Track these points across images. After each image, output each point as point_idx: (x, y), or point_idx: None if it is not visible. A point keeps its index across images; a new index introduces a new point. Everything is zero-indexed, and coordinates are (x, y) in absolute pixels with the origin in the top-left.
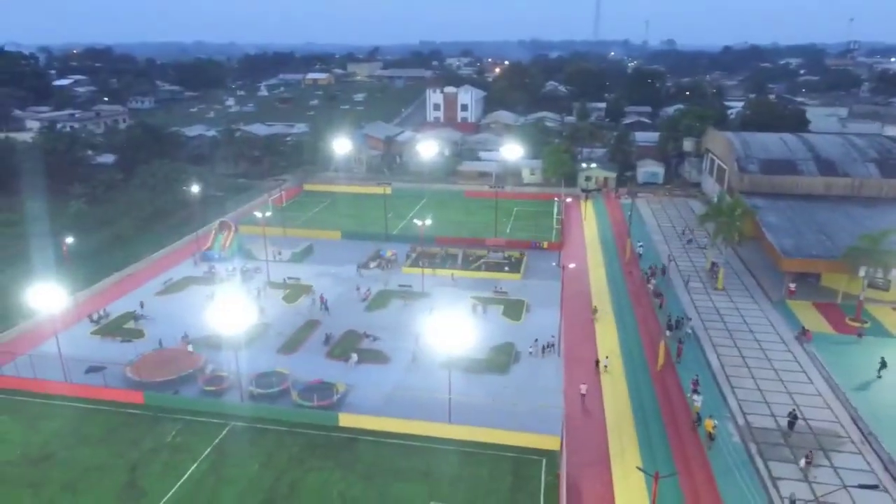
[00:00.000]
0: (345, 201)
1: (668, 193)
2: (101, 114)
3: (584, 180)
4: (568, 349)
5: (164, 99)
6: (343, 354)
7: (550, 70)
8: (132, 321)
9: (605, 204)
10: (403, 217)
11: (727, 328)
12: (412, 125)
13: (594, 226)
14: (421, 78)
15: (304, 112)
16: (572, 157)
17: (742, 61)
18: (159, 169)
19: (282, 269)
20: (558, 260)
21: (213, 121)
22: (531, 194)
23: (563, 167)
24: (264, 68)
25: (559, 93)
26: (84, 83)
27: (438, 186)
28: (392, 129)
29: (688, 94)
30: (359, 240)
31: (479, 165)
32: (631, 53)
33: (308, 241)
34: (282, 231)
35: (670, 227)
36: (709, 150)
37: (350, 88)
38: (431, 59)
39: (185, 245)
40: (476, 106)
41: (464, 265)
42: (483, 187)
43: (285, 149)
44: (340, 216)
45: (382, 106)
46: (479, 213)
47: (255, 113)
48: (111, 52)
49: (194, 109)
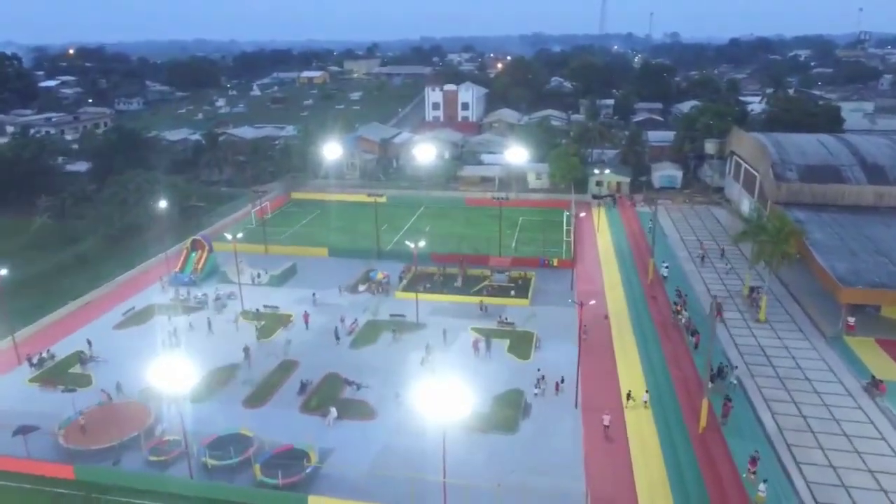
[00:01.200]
0: (335, 211)
1: (689, 200)
2: (81, 117)
3: (595, 185)
4: (586, 397)
5: (155, 100)
6: (321, 407)
7: (554, 65)
8: (78, 364)
9: (620, 212)
10: (399, 229)
11: (777, 375)
12: (410, 125)
13: (609, 238)
14: (420, 75)
15: (297, 113)
16: (581, 160)
17: (750, 54)
18: (131, 179)
19: (260, 294)
20: (571, 282)
21: (200, 123)
22: (537, 202)
23: (571, 172)
24: (261, 66)
25: (564, 89)
26: (72, 84)
27: (437, 193)
28: (388, 131)
29: (698, 89)
30: (348, 258)
31: (480, 170)
32: (635, 47)
33: (291, 259)
34: (263, 248)
35: (694, 240)
36: (734, 153)
37: (346, 87)
38: (432, 55)
39: (154, 266)
40: (477, 104)
41: (464, 288)
42: (486, 194)
43: (274, 153)
44: (329, 229)
45: (379, 105)
46: (481, 224)
47: (246, 114)
48: (103, 52)
49: (183, 111)
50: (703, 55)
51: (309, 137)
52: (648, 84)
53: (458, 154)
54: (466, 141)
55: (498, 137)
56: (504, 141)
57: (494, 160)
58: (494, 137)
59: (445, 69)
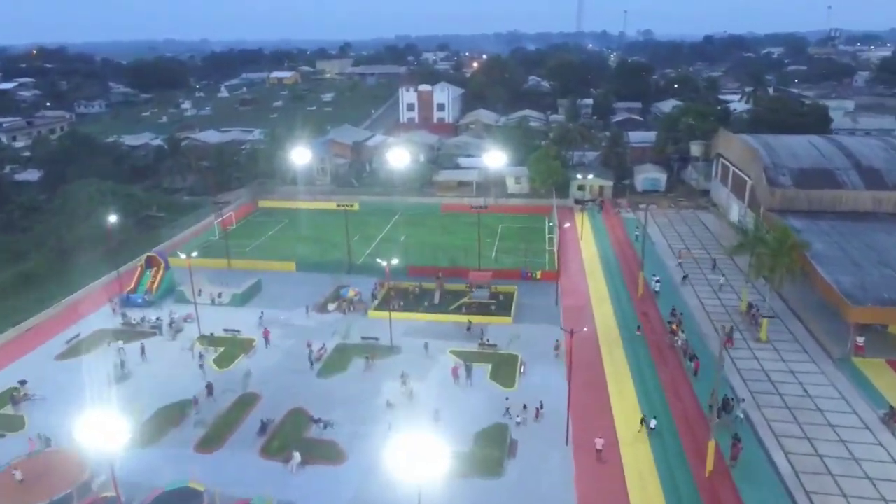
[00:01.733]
0: (305, 220)
1: (674, 204)
2: (36, 122)
3: (577, 190)
4: (577, 431)
5: (118, 102)
6: (282, 450)
7: (530, 64)
8: (9, 404)
9: (604, 218)
10: (372, 239)
11: (786, 404)
12: (384, 127)
13: (593, 246)
14: (395, 75)
15: (267, 115)
16: (562, 163)
17: (724, 51)
18: (81, 189)
19: (221, 315)
20: (556, 296)
21: (164, 126)
22: (518, 207)
23: (552, 176)
24: (231, 67)
25: (541, 88)
26: (30, 87)
27: (413, 199)
28: (361, 133)
29: (677, 87)
30: (317, 272)
31: (457, 174)
32: (609, 45)
33: (256, 275)
34: (226, 263)
35: (684, 248)
36: (721, 156)
37: (318, 88)
38: (407, 55)
39: (105, 286)
40: (453, 105)
41: (441, 305)
42: (462, 200)
43: (240, 159)
44: (298, 240)
45: (352, 106)
46: (458, 232)
47: (213, 117)
48: (65, 52)
49: (147, 113)
50: (678, 53)
51: (277, 141)
52: (627, 83)
53: (433, 157)
54: (442, 143)
55: (475, 139)
56: (481, 143)
57: (472, 163)
58: (471, 139)
59: (420, 69)
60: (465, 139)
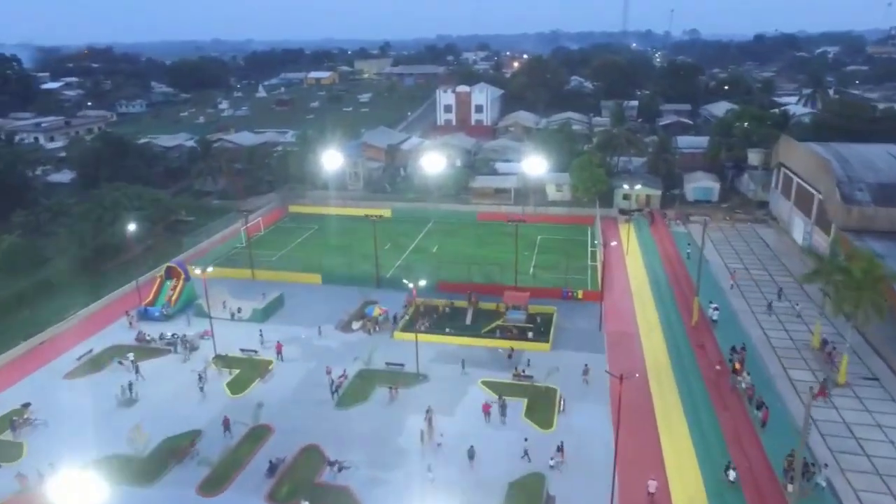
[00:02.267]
0: (335, 227)
1: (729, 217)
2: (74, 122)
3: (621, 199)
4: (624, 490)
5: (159, 102)
6: (291, 497)
7: (573, 64)
8: (9, 429)
9: (652, 231)
10: (403, 249)
11: (877, 470)
12: (421, 129)
13: (640, 263)
14: (433, 75)
15: (303, 116)
16: (607, 170)
17: (775, 50)
18: (108, 193)
19: (240, 331)
20: (600, 321)
21: (200, 127)
22: (558, 217)
23: (596, 185)
24: (272, 66)
25: (584, 90)
26: (75, 86)
27: (447, 207)
28: (396, 136)
29: (728, 89)
30: (343, 285)
31: (494, 181)
32: (654, 45)
33: (280, 287)
34: (250, 273)
35: (742, 269)
36: (783, 165)
37: (356, 88)
38: (446, 54)
39: (124, 297)
40: (492, 106)
41: (474, 326)
42: (500, 208)
43: (272, 161)
44: (327, 249)
45: (389, 107)
46: (494, 243)
47: (249, 117)
48: (111, 52)
49: (185, 114)
50: (726, 52)
51: (308, 144)
52: (674, 84)
53: (470, 161)
54: (479, 147)
55: (514, 143)
56: (520, 147)
57: (510, 169)
58: (510, 143)
59: (459, 68)
60: (504, 143)
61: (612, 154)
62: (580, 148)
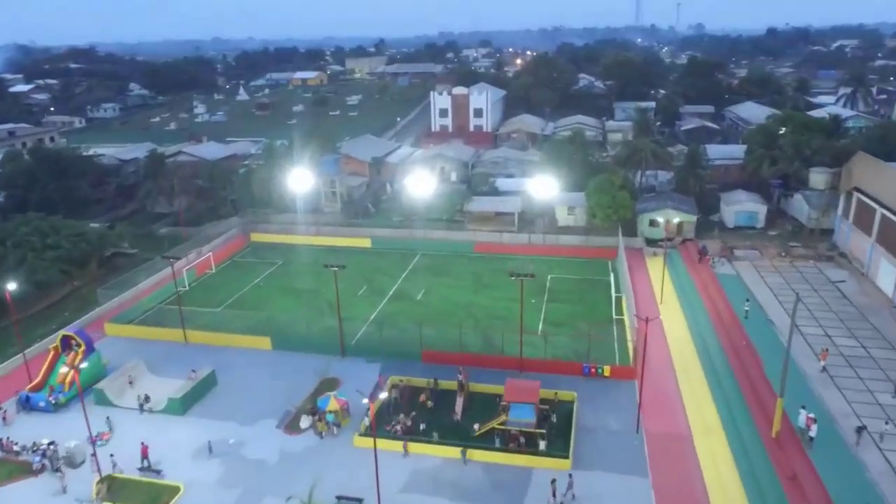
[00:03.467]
0: (304, 261)
1: (786, 253)
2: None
3: (647, 225)
4: None
5: (136, 105)
6: None
7: (579, 61)
8: None
9: (690, 271)
10: (382, 294)
11: None
12: (415, 135)
13: (681, 319)
14: (430, 74)
15: (284, 121)
16: (631, 193)
17: (788, 45)
18: (15, 228)
19: (147, 431)
20: (637, 420)
21: (171, 135)
22: (571, 249)
23: (619, 211)
24: (263, 66)
25: (595, 90)
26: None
27: (439, 235)
28: (383, 145)
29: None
30: (299, 351)
31: (494, 203)
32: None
33: (218, 354)
34: (182, 335)
35: (822, 335)
36: (859, 190)
37: (345, 89)
38: (447, 52)
39: (11, 373)
40: (493, 109)
41: (464, 423)
42: (501, 236)
43: (236, 179)
44: (288, 293)
45: (380, 110)
46: (495, 285)
47: (225, 124)
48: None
49: (156, 119)
50: (737, 47)
51: (275, 158)
52: (695, 83)
53: (467, 177)
54: (478, 158)
55: (517, 152)
56: (525, 156)
57: (513, 186)
58: (513, 152)
59: (458, 67)
60: (506, 152)
61: (636, 169)
62: (594, 158)
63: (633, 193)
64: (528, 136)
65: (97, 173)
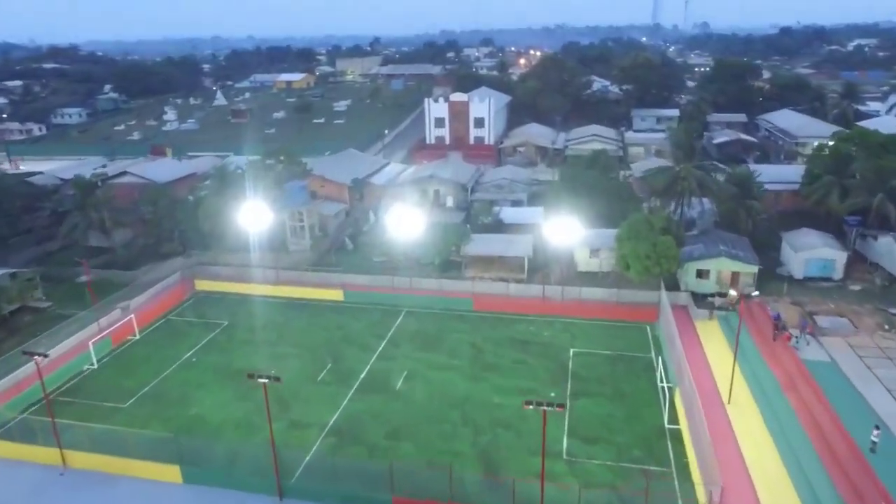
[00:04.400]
0: (256, 322)
1: (890, 325)
2: None
3: (694, 277)
4: None
5: (108, 110)
6: None
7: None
8: None
9: (762, 351)
10: (348, 379)
11: None
12: (408, 147)
13: (764, 438)
14: (428, 76)
15: (262, 130)
16: (676, 237)
17: (803, 44)
18: None
19: None
20: None
21: (133, 145)
22: (597, 307)
23: (662, 263)
24: (256, 66)
25: (609, 94)
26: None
27: (430, 284)
28: (368, 163)
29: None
30: (220, 488)
31: (499, 245)
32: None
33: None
34: (58, 456)
35: None
36: None
37: (334, 93)
38: (447, 51)
39: None
40: (497, 118)
41: None
42: (508, 288)
43: (185, 208)
44: (226, 379)
45: (371, 117)
46: (500, 366)
47: (196, 132)
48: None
49: (120, 127)
50: (750, 47)
51: (226, 184)
52: (725, 88)
53: (465, 203)
54: (479, 179)
55: (524, 170)
56: (534, 173)
57: (521, 217)
58: (520, 171)
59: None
60: (512, 171)
61: (678, 203)
62: (617, 179)
63: (678, 237)
64: (536, 150)
65: (29, 197)
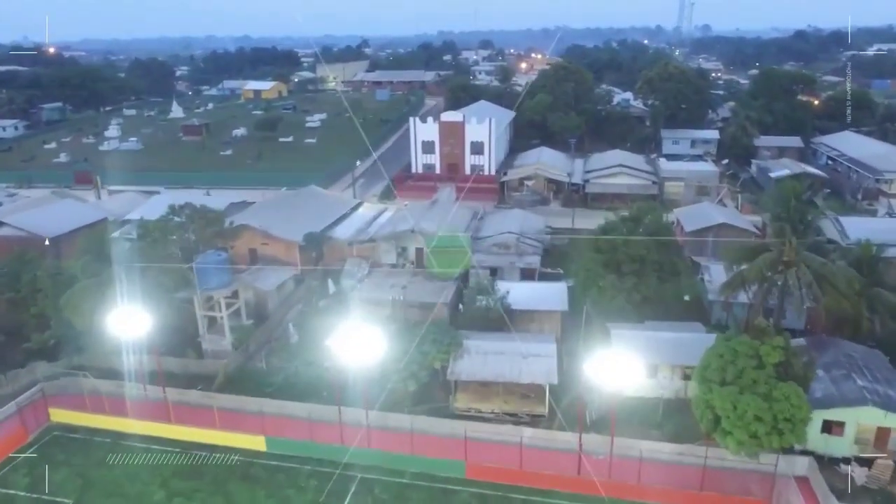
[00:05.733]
0: (122, 493)
1: None
2: None
3: (819, 431)
4: None
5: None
6: None
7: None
8: None
9: None
10: None
11: None
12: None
13: None
14: (419, 84)
15: (216, 151)
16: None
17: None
18: None
19: None
20: None
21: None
22: (665, 488)
23: (787, 434)
24: (239, 68)
25: (630, 110)
26: None
27: (398, 424)
28: (331, 205)
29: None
30: None
31: (503, 368)
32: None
33: None
34: None
35: None
36: None
37: (309, 104)
38: (443, 53)
39: None
40: (499, 141)
41: None
42: (520, 434)
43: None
44: None
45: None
46: None
47: (138, 153)
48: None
49: (50, 146)
50: (763, 51)
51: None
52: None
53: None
54: (477, 230)
55: (535, 216)
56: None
57: (534, 301)
58: (529, 218)
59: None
60: (519, 216)
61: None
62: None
63: (804, 380)
64: (547, 183)
65: None
